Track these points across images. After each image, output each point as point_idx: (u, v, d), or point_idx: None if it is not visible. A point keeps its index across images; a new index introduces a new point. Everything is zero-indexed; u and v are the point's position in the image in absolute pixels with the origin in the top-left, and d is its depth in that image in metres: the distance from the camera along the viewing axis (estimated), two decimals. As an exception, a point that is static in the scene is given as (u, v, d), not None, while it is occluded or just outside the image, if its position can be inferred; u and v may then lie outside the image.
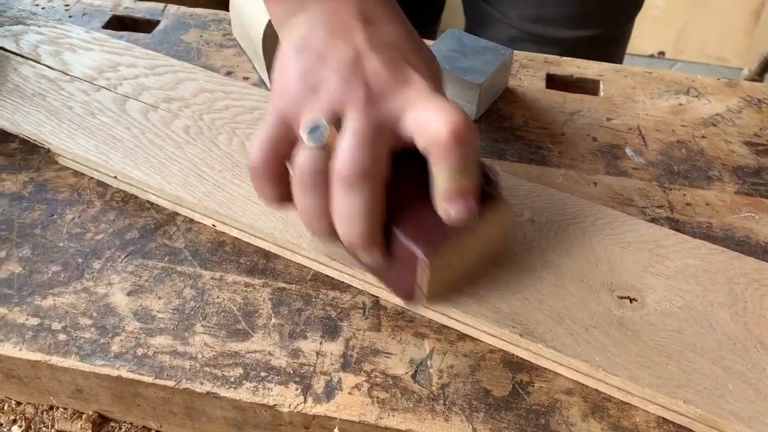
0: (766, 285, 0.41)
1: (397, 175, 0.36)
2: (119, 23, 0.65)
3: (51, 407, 0.43)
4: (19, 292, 0.42)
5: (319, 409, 0.37)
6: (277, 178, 0.37)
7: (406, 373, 0.39)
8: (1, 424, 0.42)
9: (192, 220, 0.46)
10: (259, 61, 0.56)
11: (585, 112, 0.56)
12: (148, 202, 0.48)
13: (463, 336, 0.41)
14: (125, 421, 0.43)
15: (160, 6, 0.66)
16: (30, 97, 0.51)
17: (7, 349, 0.39)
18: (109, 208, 0.47)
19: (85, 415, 0.42)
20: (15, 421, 0.42)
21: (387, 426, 0.37)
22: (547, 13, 0.74)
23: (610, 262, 0.42)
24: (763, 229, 0.47)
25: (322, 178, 0.35)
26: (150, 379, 0.38)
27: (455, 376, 0.39)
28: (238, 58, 0.60)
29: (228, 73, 0.58)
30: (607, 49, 0.79)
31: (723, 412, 0.35)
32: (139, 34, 0.62)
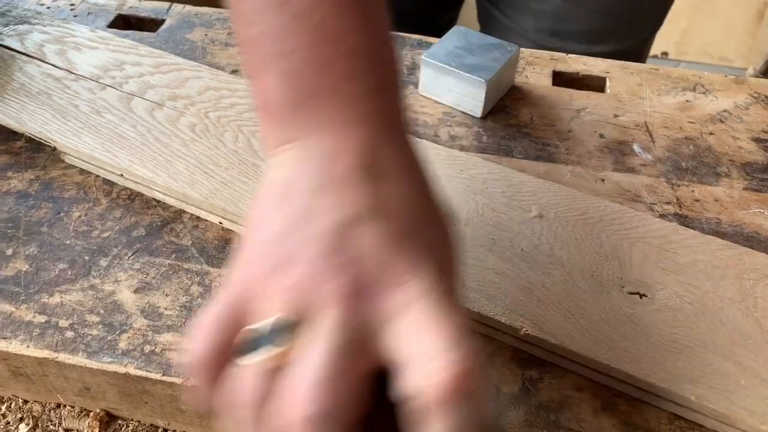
0: (777, 280, 0.41)
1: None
2: (124, 22, 0.64)
3: (58, 405, 0.43)
4: (26, 290, 0.42)
5: (328, 405, 0.37)
6: (221, 381, 0.27)
7: (415, 369, 0.39)
8: (9, 423, 0.42)
9: (198, 217, 0.46)
10: (265, 59, 0.56)
11: (592, 108, 0.56)
12: (155, 199, 0.47)
13: (472, 332, 0.40)
14: (132, 419, 0.43)
15: (165, 5, 0.66)
16: (36, 96, 0.51)
17: (14, 346, 0.39)
18: (115, 206, 0.47)
19: (92, 413, 0.42)
20: (22, 419, 0.42)
21: (396, 423, 0.36)
22: (564, 27, 0.71)
23: (619, 258, 0.42)
24: (772, 224, 0.47)
25: (266, 413, 0.25)
26: (158, 376, 0.38)
27: (464, 373, 0.38)
28: (243, 56, 0.60)
29: (233, 71, 0.58)
30: None
31: (735, 408, 0.35)
32: (144, 33, 0.62)
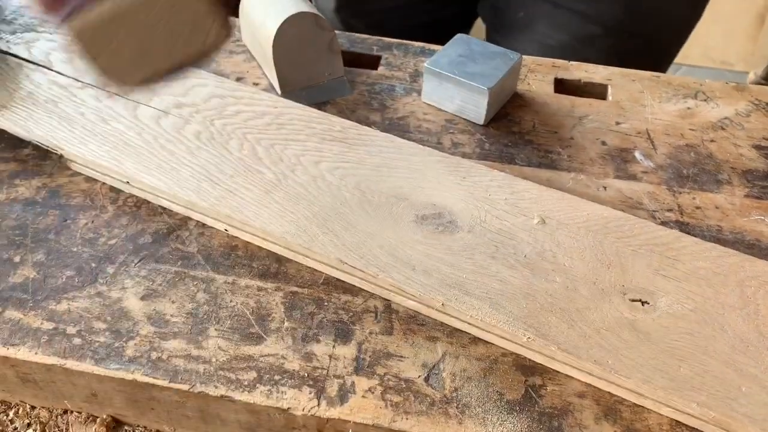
0: (778, 287, 0.41)
1: None
2: (129, 30, 0.65)
3: (65, 411, 0.43)
4: (33, 297, 0.42)
5: (333, 412, 0.37)
6: None
7: (419, 376, 0.39)
8: (17, 428, 0.42)
9: (204, 224, 0.47)
10: (270, 67, 0.56)
11: (594, 116, 0.57)
12: (161, 207, 0.48)
13: (475, 339, 0.41)
14: (139, 425, 0.43)
15: (170, 13, 0.66)
16: (42, 104, 0.52)
17: (22, 353, 0.40)
18: (121, 213, 0.48)
19: (99, 419, 0.42)
20: (30, 425, 0.42)
21: (401, 429, 0.37)
22: (579, 57, 0.67)
23: (621, 265, 0.42)
24: (773, 232, 0.47)
25: None
26: (164, 382, 0.38)
27: (468, 380, 0.39)
28: (247, 64, 0.60)
29: (238, 78, 0.59)
30: None
31: (736, 415, 0.35)
32: (150, 41, 0.63)
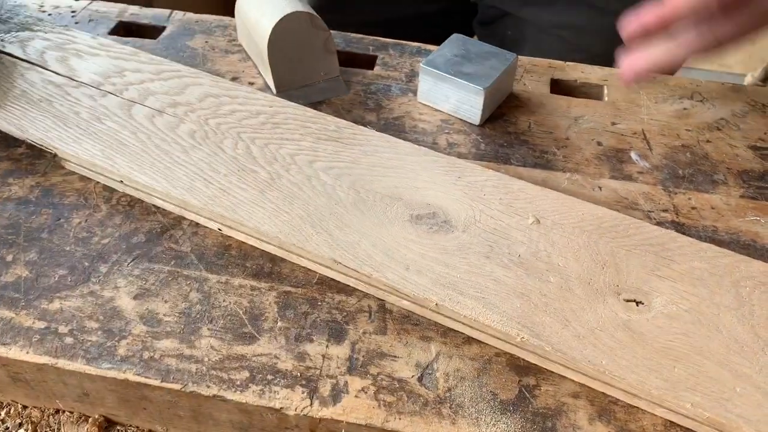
0: (773, 288, 0.41)
1: None
2: (125, 29, 0.65)
3: (57, 411, 0.43)
4: (25, 296, 0.42)
5: (326, 412, 0.37)
6: None
7: (413, 376, 0.39)
8: (8, 428, 0.42)
9: (198, 224, 0.47)
10: (265, 66, 0.56)
11: (589, 116, 0.56)
12: (154, 206, 0.48)
13: (469, 339, 0.41)
14: (131, 425, 0.43)
15: (166, 12, 0.66)
16: (37, 103, 0.51)
17: (14, 352, 0.39)
18: (115, 213, 0.47)
19: (91, 419, 0.42)
20: (21, 424, 0.42)
21: (394, 429, 0.37)
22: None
23: (616, 265, 0.42)
24: (768, 232, 0.47)
25: None
26: (156, 382, 0.38)
27: (461, 380, 0.39)
28: (243, 63, 0.60)
29: (233, 78, 0.59)
30: None
31: (731, 416, 0.35)
32: (145, 40, 0.62)
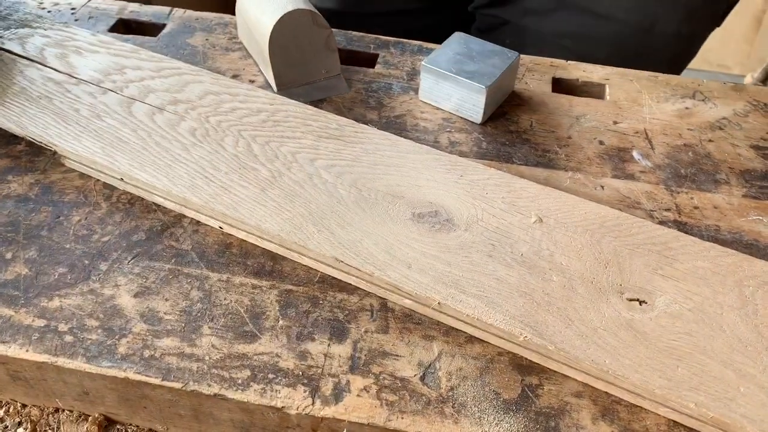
0: (776, 288, 0.41)
1: None
2: (125, 26, 0.65)
3: (56, 410, 0.43)
4: (25, 294, 0.42)
5: (328, 411, 0.37)
6: None
7: (415, 375, 0.39)
8: (7, 427, 0.42)
9: (199, 222, 0.46)
10: (266, 64, 0.56)
11: (591, 115, 0.56)
12: (155, 204, 0.47)
13: (471, 338, 0.40)
14: (131, 424, 0.42)
15: (166, 9, 0.66)
16: (36, 100, 0.51)
17: (13, 350, 0.39)
18: (115, 210, 0.47)
19: (90, 418, 0.42)
20: (20, 423, 0.42)
21: (396, 428, 0.36)
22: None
23: (619, 265, 0.42)
24: (771, 232, 0.47)
25: None
26: (157, 380, 0.38)
27: (464, 379, 0.39)
28: (243, 61, 0.60)
29: (234, 75, 0.58)
30: None
31: (734, 416, 0.35)
32: (145, 38, 0.62)
